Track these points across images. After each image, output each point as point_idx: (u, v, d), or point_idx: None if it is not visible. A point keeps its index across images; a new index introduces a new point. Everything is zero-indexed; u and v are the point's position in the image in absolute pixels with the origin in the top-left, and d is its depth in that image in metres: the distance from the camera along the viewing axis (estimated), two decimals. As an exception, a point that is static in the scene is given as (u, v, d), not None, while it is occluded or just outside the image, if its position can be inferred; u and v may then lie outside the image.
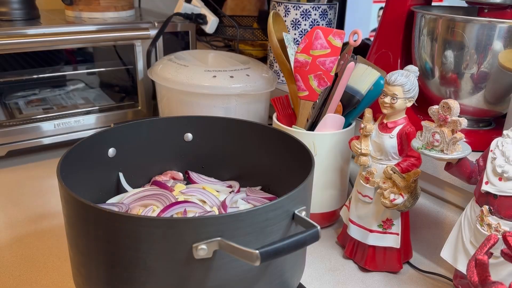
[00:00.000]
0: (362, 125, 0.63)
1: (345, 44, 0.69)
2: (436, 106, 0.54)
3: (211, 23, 1.11)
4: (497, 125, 0.73)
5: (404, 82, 0.59)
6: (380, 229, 0.64)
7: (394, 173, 0.60)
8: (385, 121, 0.62)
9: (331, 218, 0.76)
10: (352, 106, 0.71)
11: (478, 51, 0.63)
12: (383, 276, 0.65)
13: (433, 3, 0.79)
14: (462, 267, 0.55)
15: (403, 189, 0.60)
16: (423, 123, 0.55)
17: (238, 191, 0.67)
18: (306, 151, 0.57)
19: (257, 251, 0.39)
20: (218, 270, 0.44)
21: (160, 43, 1.03)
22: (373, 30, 1.28)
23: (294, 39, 0.96)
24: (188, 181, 0.69)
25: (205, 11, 1.11)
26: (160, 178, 0.68)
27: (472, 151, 0.54)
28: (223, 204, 0.61)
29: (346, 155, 0.73)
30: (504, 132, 0.53)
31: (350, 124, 0.73)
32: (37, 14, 1.02)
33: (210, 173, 0.71)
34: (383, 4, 0.95)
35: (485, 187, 0.52)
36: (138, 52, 1.02)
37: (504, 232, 0.48)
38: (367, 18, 1.31)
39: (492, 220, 0.51)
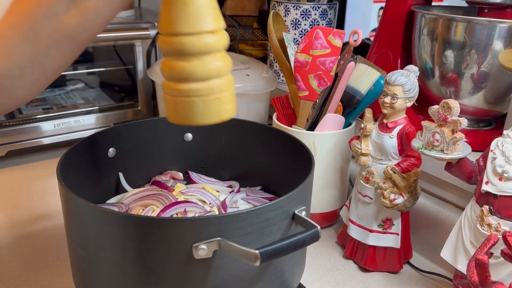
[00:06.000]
0: (362, 125, 0.63)
1: (345, 44, 0.69)
2: (436, 106, 0.54)
3: (211, 23, 1.10)
4: (497, 125, 0.73)
5: (404, 82, 0.59)
6: (380, 229, 0.64)
7: (394, 173, 0.60)
8: (385, 121, 0.62)
9: (331, 218, 0.76)
10: (352, 106, 0.71)
11: (478, 51, 0.63)
12: (383, 276, 0.65)
13: (433, 3, 0.79)
14: (462, 267, 0.55)
15: (403, 189, 0.60)
16: (423, 123, 0.55)
17: (238, 191, 0.67)
18: (306, 151, 0.57)
19: (257, 251, 0.39)
20: (218, 270, 0.44)
21: (160, 43, 1.03)
22: (373, 30, 1.28)
23: (294, 39, 0.96)
24: (188, 181, 0.69)
25: (205, 11, 1.11)
26: (160, 178, 0.68)
27: (472, 151, 0.54)
28: (223, 204, 0.61)
29: (346, 155, 0.73)
30: (504, 132, 0.53)
31: (350, 124, 0.73)
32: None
33: (210, 173, 0.71)
34: (383, 4, 0.95)
35: (485, 187, 0.52)
36: (138, 52, 1.02)
37: (504, 232, 0.48)
38: (367, 18, 1.31)
39: (492, 220, 0.51)
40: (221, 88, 0.40)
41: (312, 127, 0.71)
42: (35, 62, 0.39)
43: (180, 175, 0.70)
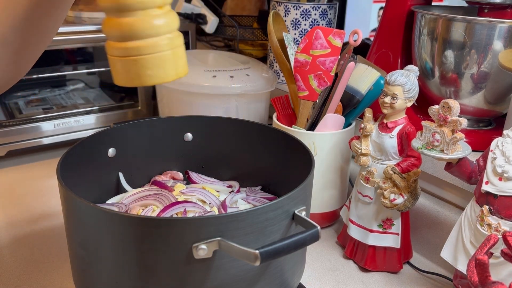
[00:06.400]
0: (362, 125, 0.63)
1: (345, 44, 0.69)
2: (436, 106, 0.54)
3: (211, 23, 1.11)
4: (497, 125, 0.73)
5: (404, 82, 0.59)
6: (380, 229, 0.64)
7: (394, 173, 0.60)
8: (385, 121, 0.62)
9: (331, 218, 0.76)
10: (352, 106, 0.71)
11: (478, 51, 0.63)
12: (383, 276, 0.65)
13: (433, 3, 0.79)
14: (462, 267, 0.55)
15: (403, 189, 0.60)
16: (423, 123, 0.55)
17: (238, 191, 0.67)
18: (306, 151, 0.57)
19: (257, 251, 0.39)
20: (218, 270, 0.44)
21: (160, 43, 1.03)
22: (373, 30, 1.28)
23: (294, 39, 0.96)
24: (188, 181, 0.69)
25: (205, 11, 1.11)
26: (160, 178, 0.68)
27: (472, 151, 0.54)
28: (223, 204, 0.61)
29: (346, 155, 0.73)
30: (504, 132, 0.53)
31: (350, 124, 0.73)
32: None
33: (210, 173, 0.71)
34: (383, 4, 0.95)
35: (485, 187, 0.52)
36: (138, 52, 1.01)
37: (504, 232, 0.48)
38: (367, 18, 1.30)
39: (492, 220, 0.51)
40: (173, 43, 0.37)
41: (312, 127, 0.71)
42: (17, 28, 0.39)
43: (180, 175, 0.70)
